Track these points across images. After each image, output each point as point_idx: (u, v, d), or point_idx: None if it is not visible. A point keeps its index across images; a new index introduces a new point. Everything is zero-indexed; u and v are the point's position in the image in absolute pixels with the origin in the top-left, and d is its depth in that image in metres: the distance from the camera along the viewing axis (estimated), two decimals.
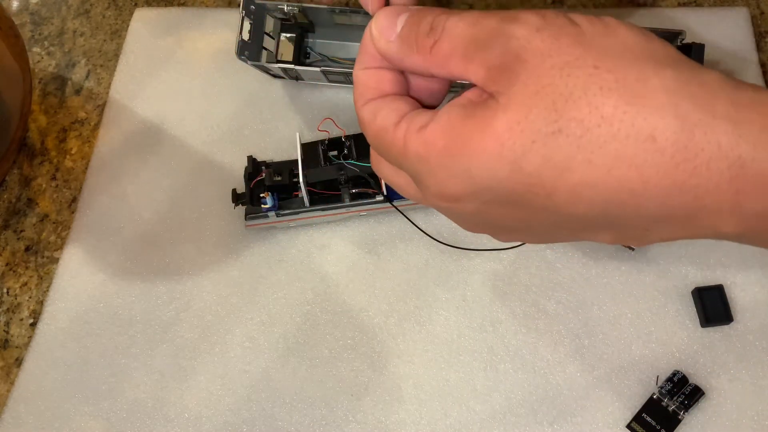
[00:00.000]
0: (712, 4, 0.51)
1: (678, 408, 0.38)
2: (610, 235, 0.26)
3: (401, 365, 0.41)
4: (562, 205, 0.25)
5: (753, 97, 0.24)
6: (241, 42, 0.45)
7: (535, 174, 0.24)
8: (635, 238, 0.26)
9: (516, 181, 0.24)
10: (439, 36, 0.27)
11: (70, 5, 0.57)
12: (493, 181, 0.25)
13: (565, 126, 0.23)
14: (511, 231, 0.29)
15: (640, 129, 0.23)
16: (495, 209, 0.26)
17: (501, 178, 0.25)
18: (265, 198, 0.42)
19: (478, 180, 0.25)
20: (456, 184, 0.26)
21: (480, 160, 0.25)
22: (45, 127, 0.51)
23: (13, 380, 0.42)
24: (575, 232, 0.27)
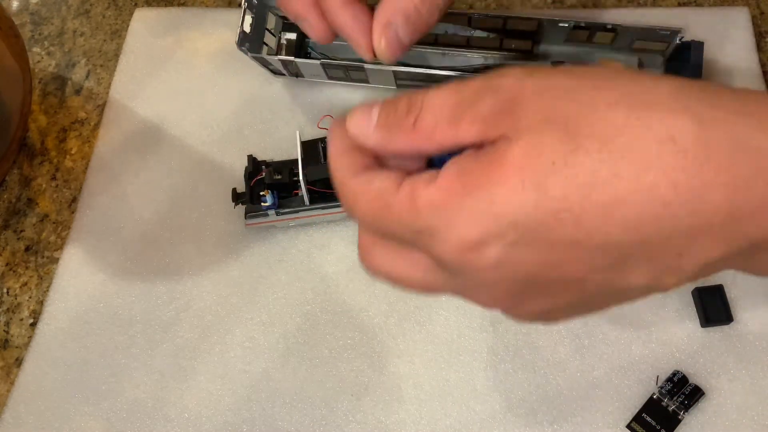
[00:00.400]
0: (712, 4, 0.51)
1: (678, 408, 0.38)
2: (646, 272, 0.24)
3: (401, 365, 0.41)
4: (594, 233, 0.23)
5: (752, 92, 0.24)
6: (242, 33, 0.45)
7: (560, 197, 0.23)
8: (671, 269, 0.24)
9: (542, 209, 0.23)
10: (419, 111, 0.26)
11: (70, 5, 0.57)
12: (519, 214, 0.23)
13: (582, 142, 0.23)
14: (540, 295, 0.26)
15: (657, 132, 0.22)
16: (521, 254, 0.24)
17: (527, 207, 0.23)
18: (265, 196, 0.42)
19: (502, 214, 0.23)
20: (479, 225, 0.24)
21: (502, 192, 0.23)
22: (45, 127, 0.51)
23: (13, 380, 0.42)
24: (611, 278, 0.25)
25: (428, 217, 0.25)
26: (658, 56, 0.46)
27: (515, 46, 0.46)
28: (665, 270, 0.24)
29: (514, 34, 0.46)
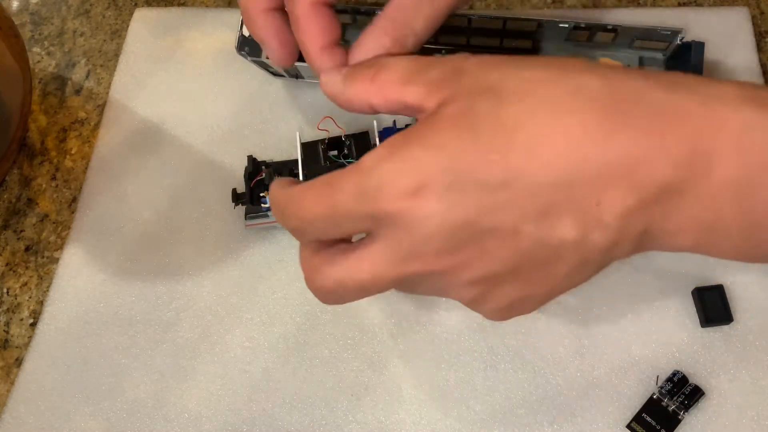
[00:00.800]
0: (712, 3, 0.51)
1: (678, 408, 0.38)
2: (571, 223, 0.26)
3: (401, 365, 0.41)
4: (521, 172, 0.25)
5: (654, 71, 0.29)
6: (242, 37, 0.45)
7: (488, 140, 0.26)
8: (594, 220, 0.26)
9: (473, 152, 0.26)
10: (380, 68, 0.30)
11: (70, 5, 0.57)
12: (454, 157, 0.26)
13: (506, 97, 0.26)
14: (481, 252, 0.27)
15: (569, 84, 0.26)
16: (457, 198, 0.26)
17: (461, 151, 0.26)
18: (265, 197, 0.42)
19: (440, 159, 0.26)
20: (417, 171, 0.26)
21: (438, 139, 0.26)
22: (45, 127, 0.51)
23: (13, 380, 0.42)
24: (541, 230, 0.26)
25: (373, 172, 0.27)
26: (658, 55, 0.46)
27: (515, 45, 0.46)
28: (589, 220, 0.26)
29: (514, 33, 0.46)
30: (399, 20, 0.33)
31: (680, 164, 0.25)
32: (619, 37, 0.45)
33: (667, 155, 0.25)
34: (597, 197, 0.25)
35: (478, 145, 0.25)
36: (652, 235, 0.27)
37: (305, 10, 0.33)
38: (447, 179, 0.26)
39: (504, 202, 0.26)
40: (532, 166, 0.25)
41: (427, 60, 0.29)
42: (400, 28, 0.33)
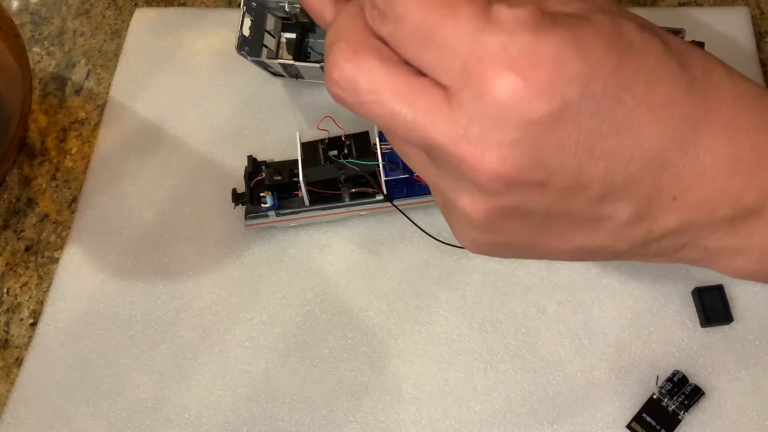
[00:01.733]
0: (712, 3, 0.51)
1: (678, 408, 0.38)
2: (630, 205, 0.23)
3: (401, 365, 0.41)
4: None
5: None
6: (242, 37, 0.45)
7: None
8: (656, 205, 0.23)
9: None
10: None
11: (70, 5, 0.57)
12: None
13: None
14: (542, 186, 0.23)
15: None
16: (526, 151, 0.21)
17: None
18: (265, 197, 0.42)
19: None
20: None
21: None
22: (45, 127, 0.51)
23: (13, 380, 0.42)
24: (592, 203, 0.23)
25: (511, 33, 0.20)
26: None
27: None
28: (651, 212, 0.23)
29: None
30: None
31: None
32: None
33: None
34: (673, 193, 0.23)
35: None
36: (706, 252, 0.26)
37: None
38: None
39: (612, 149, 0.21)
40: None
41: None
42: None
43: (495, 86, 0.20)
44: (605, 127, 0.21)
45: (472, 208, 0.23)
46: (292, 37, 0.48)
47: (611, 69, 0.21)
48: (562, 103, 0.20)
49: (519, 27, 0.20)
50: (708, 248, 0.25)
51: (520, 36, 0.20)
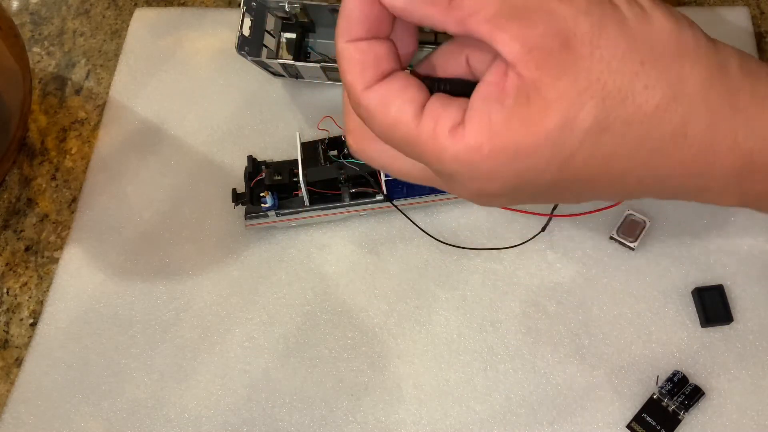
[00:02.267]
0: (712, 3, 0.51)
1: (678, 408, 0.38)
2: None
3: (401, 365, 0.41)
4: (599, 190, 0.25)
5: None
6: (242, 37, 0.45)
7: (580, 168, 0.24)
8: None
9: (562, 176, 0.24)
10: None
11: (70, 5, 0.57)
12: (540, 178, 0.24)
13: (611, 124, 0.23)
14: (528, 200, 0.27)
15: (676, 126, 0.23)
16: (529, 195, 0.25)
17: (547, 175, 0.24)
18: (265, 197, 0.42)
19: (524, 177, 0.24)
20: (501, 183, 0.24)
21: (529, 161, 0.23)
22: (45, 127, 0.51)
23: (13, 380, 0.42)
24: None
25: (452, 165, 0.24)
26: None
27: None
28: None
29: None
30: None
31: (748, 198, 0.26)
32: None
33: (739, 195, 0.26)
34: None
35: (568, 170, 0.24)
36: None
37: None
38: (530, 189, 0.25)
39: (571, 194, 0.26)
40: (614, 190, 0.26)
41: (523, 4, 0.23)
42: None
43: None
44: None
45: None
46: (292, 37, 0.48)
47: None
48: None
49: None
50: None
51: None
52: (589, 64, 0.23)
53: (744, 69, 0.25)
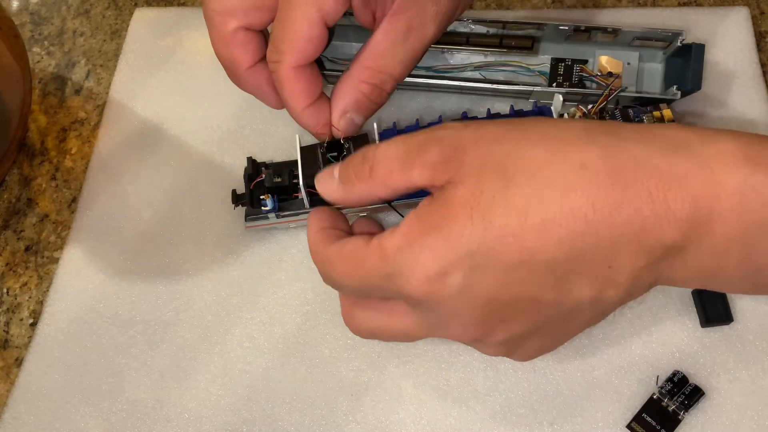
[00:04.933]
0: (712, 4, 0.51)
1: (678, 408, 0.38)
2: (587, 285, 0.28)
3: (401, 365, 0.41)
4: (536, 251, 0.27)
5: (651, 125, 0.28)
6: None
7: (503, 225, 0.26)
8: (607, 280, 0.28)
9: (490, 236, 0.27)
10: (372, 161, 0.30)
11: (70, 5, 0.57)
12: (472, 244, 0.27)
13: (513, 178, 0.27)
14: (504, 320, 0.30)
15: (572, 161, 0.26)
16: (479, 279, 0.27)
17: (477, 237, 0.27)
18: (265, 200, 0.41)
19: (457, 246, 0.27)
20: (439, 258, 0.27)
21: (455, 228, 0.27)
22: (45, 127, 0.51)
23: (13, 380, 0.42)
24: (560, 295, 0.28)
25: (395, 260, 0.28)
26: (658, 53, 0.46)
27: (515, 43, 0.46)
28: (603, 281, 0.28)
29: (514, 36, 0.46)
30: (375, 67, 0.34)
31: (684, 226, 0.26)
32: (619, 37, 0.45)
33: (672, 219, 0.26)
34: (608, 262, 0.27)
35: (493, 231, 0.26)
36: (661, 280, 0.29)
37: (287, 74, 0.34)
38: (466, 264, 0.27)
39: (522, 278, 0.27)
40: (546, 244, 0.26)
41: (418, 140, 0.29)
42: (377, 75, 0.34)
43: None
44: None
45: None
46: None
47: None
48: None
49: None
50: (660, 281, 0.29)
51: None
52: (478, 148, 0.28)
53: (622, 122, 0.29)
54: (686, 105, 0.45)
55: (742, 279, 0.29)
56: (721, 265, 0.28)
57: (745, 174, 0.26)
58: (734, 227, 0.26)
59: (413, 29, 0.33)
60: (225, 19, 0.36)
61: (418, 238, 0.28)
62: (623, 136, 0.27)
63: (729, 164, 0.26)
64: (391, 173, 0.29)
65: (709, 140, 0.27)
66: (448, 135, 0.29)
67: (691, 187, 0.26)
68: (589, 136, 0.27)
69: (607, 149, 0.27)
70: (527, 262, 0.27)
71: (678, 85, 0.43)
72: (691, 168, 0.26)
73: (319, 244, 0.32)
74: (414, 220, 0.28)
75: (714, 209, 0.26)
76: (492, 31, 0.46)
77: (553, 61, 0.46)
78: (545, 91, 0.45)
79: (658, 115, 0.42)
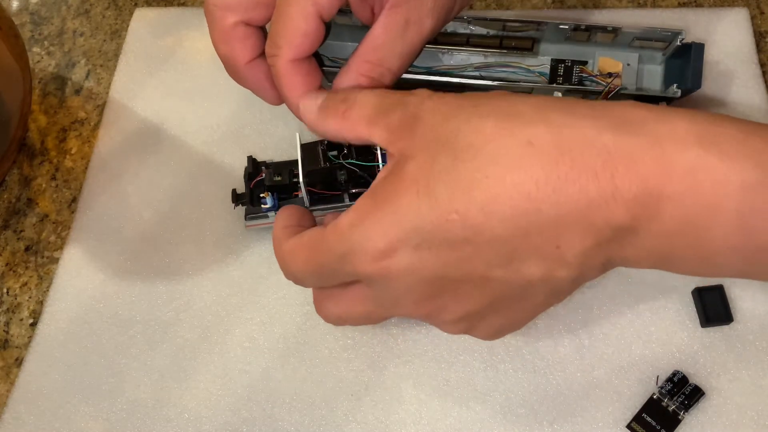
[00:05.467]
0: (712, 4, 0.51)
1: (678, 408, 0.38)
2: (535, 263, 0.28)
3: (401, 365, 0.41)
4: (480, 229, 0.26)
5: (607, 103, 0.28)
6: None
7: (447, 201, 0.26)
8: (556, 259, 0.27)
9: (435, 213, 0.27)
10: (351, 104, 0.31)
11: (70, 5, 0.57)
12: (418, 219, 0.27)
13: (460, 153, 0.27)
14: (455, 297, 0.30)
15: (518, 137, 0.26)
16: (426, 255, 0.28)
17: (423, 213, 0.27)
18: (265, 198, 0.42)
19: (404, 221, 0.27)
20: (387, 234, 0.27)
21: (402, 203, 0.27)
22: (45, 127, 0.51)
23: (13, 380, 0.42)
24: (508, 273, 0.28)
25: (349, 237, 0.28)
26: (658, 54, 0.46)
27: (515, 44, 0.46)
28: (552, 261, 0.27)
29: (514, 36, 0.46)
30: (374, 61, 0.34)
31: (632, 206, 0.26)
32: (619, 37, 0.45)
33: (619, 199, 0.26)
34: (556, 242, 0.27)
35: (438, 207, 0.27)
36: (614, 261, 0.29)
37: (285, 68, 0.34)
38: (413, 241, 0.27)
39: (469, 255, 0.27)
40: (490, 222, 0.26)
41: (391, 100, 0.31)
42: (376, 68, 0.34)
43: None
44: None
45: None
46: None
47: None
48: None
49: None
50: (613, 261, 0.29)
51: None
52: (433, 122, 0.28)
53: (579, 98, 0.29)
54: (686, 105, 0.45)
55: (697, 261, 0.28)
56: (673, 247, 0.27)
57: (698, 154, 0.25)
58: (686, 209, 0.26)
59: (411, 23, 0.33)
60: (225, 13, 0.36)
61: (369, 214, 0.28)
62: (575, 113, 0.27)
63: (681, 143, 0.26)
64: (359, 122, 0.31)
65: (663, 119, 0.27)
66: (413, 102, 0.30)
67: (640, 167, 0.26)
68: (539, 112, 0.27)
69: (555, 126, 0.26)
70: (471, 239, 0.27)
71: (678, 84, 0.43)
72: (641, 146, 0.26)
73: (282, 240, 0.32)
74: (368, 196, 0.29)
75: (665, 190, 0.26)
76: (492, 32, 0.46)
77: (553, 62, 0.47)
78: (545, 91, 0.45)
79: None
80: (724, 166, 0.25)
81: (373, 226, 0.28)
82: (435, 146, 0.28)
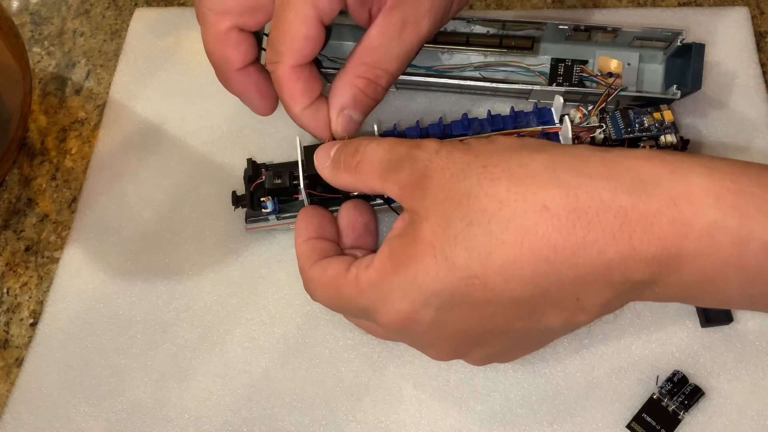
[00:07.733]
0: (712, 4, 0.51)
1: (678, 408, 0.38)
2: (557, 314, 0.28)
3: (401, 365, 0.41)
4: (500, 291, 0.27)
5: (619, 155, 0.27)
6: None
7: (465, 266, 0.27)
8: (577, 309, 0.28)
9: (454, 278, 0.27)
10: (361, 157, 0.32)
11: (70, 5, 0.57)
12: (437, 284, 0.27)
13: (474, 218, 0.27)
14: (478, 345, 0.31)
15: (533, 202, 0.26)
16: (448, 315, 0.28)
17: (442, 278, 0.27)
18: (265, 202, 0.41)
19: (424, 286, 0.28)
20: (407, 297, 0.28)
21: (420, 269, 0.28)
22: (45, 127, 0.51)
23: (13, 380, 0.42)
24: (530, 323, 0.29)
25: (369, 295, 0.30)
26: (658, 53, 0.46)
27: (515, 44, 0.46)
28: (572, 310, 0.28)
29: (513, 36, 0.46)
30: (370, 63, 0.34)
31: (650, 264, 0.26)
32: (619, 37, 0.45)
33: (638, 259, 0.26)
34: (576, 295, 0.27)
35: (456, 272, 0.27)
36: (633, 301, 0.30)
37: (286, 74, 0.34)
38: (434, 304, 0.28)
39: (490, 314, 0.28)
40: (510, 285, 0.27)
41: (399, 154, 0.31)
42: (373, 70, 0.34)
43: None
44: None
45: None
46: None
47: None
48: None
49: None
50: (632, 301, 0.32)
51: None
52: (442, 181, 0.29)
53: (590, 148, 0.28)
54: (686, 105, 0.45)
55: (713, 304, 0.30)
56: (691, 294, 0.28)
57: (716, 218, 0.25)
58: (704, 266, 0.26)
59: (408, 24, 0.33)
60: (219, 18, 0.36)
61: (389, 277, 0.29)
62: (587, 173, 0.27)
63: (698, 205, 0.26)
64: (371, 176, 0.31)
65: (678, 174, 0.26)
66: (422, 158, 0.30)
67: (657, 229, 0.26)
68: (551, 173, 0.27)
69: (569, 188, 0.26)
70: (493, 300, 0.27)
71: (678, 85, 0.43)
72: (658, 208, 0.26)
73: (305, 260, 0.33)
74: (386, 256, 0.29)
75: (683, 250, 0.26)
76: (492, 32, 0.46)
77: (553, 61, 0.47)
78: (545, 91, 0.45)
79: (658, 117, 0.42)
80: (744, 228, 0.25)
81: (393, 291, 0.29)
82: (448, 208, 0.28)
